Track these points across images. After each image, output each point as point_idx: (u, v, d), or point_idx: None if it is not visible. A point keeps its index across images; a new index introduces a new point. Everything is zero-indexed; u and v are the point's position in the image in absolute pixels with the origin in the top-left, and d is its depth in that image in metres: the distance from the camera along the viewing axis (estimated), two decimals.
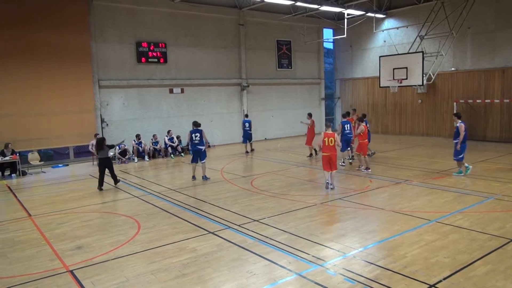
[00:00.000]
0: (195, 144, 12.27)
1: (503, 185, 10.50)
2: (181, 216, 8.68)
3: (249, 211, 8.90)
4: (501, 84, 18.79)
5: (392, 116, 23.68)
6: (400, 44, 22.28)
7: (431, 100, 21.62)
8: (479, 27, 19.22)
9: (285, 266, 5.90)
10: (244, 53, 22.20)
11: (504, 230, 7.09)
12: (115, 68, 18.06)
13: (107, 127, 17.95)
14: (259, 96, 23.15)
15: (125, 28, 18.15)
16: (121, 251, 6.77)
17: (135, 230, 7.84)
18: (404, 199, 9.58)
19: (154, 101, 19.30)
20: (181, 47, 19.91)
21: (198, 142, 12.23)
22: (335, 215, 8.54)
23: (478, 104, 19.47)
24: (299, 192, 10.52)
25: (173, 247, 6.85)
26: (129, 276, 5.79)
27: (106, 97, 17.93)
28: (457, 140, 11.53)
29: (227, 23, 21.50)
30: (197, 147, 12.31)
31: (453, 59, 20.36)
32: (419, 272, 5.56)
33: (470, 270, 5.58)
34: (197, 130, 12.29)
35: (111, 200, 10.49)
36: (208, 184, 12.01)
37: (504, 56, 18.59)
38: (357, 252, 6.38)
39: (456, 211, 8.33)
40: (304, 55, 25.06)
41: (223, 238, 7.18)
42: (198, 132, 12.23)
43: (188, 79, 20.23)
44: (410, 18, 22.01)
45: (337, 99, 27.20)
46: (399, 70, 18.93)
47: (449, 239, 6.77)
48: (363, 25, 23.29)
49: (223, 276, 5.69)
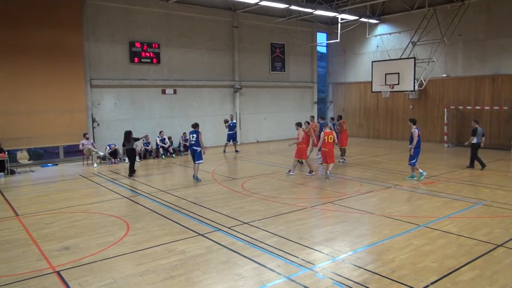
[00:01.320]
0: (191, 144, 12.72)
1: (491, 191, 10.61)
2: (171, 218, 8.64)
3: (240, 213, 8.89)
4: (491, 91, 19.02)
5: (383, 121, 23.84)
6: (392, 50, 22.46)
7: (422, 105, 21.81)
8: (470, 35, 19.46)
9: (274, 269, 5.90)
10: (238, 55, 22.21)
11: (491, 236, 7.16)
12: (108, 67, 17.96)
13: (98, 127, 17.82)
14: (252, 99, 23.17)
15: (118, 27, 18.06)
16: (109, 252, 6.71)
17: (124, 231, 7.77)
18: (393, 203, 9.63)
19: (146, 101, 19.21)
20: (174, 48, 19.87)
21: (194, 143, 12.60)
22: (325, 218, 8.56)
23: (468, 110, 19.69)
24: (289, 195, 10.53)
25: (162, 249, 6.81)
26: (117, 277, 5.74)
27: (97, 97, 17.81)
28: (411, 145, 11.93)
29: (221, 25, 21.50)
30: (193, 148, 12.63)
31: (445, 65, 20.58)
32: (407, 276, 5.59)
33: (457, 275, 5.62)
34: (194, 131, 12.69)
35: (100, 201, 10.40)
36: (198, 186, 11.97)
37: (494, 64, 18.83)
38: (346, 256, 6.40)
39: (444, 217, 8.40)
40: (297, 58, 25.15)
41: (213, 241, 7.15)
42: (195, 133, 12.61)
43: (181, 80, 20.18)
44: (403, 24, 22.21)
45: (329, 103, 27.31)
46: (391, 76, 19.08)
47: (437, 244, 6.82)
48: (357, 30, 23.45)
49: (212, 278, 5.67)
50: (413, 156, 11.93)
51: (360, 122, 25.10)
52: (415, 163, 12.00)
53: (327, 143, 12.42)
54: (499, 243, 6.78)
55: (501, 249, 6.56)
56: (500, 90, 18.71)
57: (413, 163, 12.02)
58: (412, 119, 12.56)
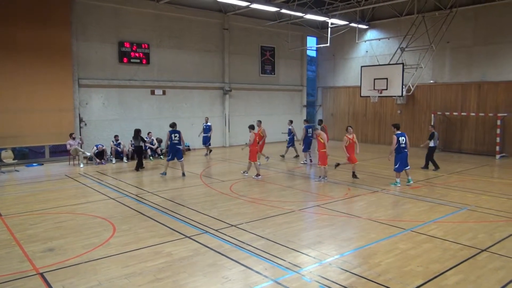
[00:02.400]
0: (175, 143, 13.37)
1: (476, 196, 10.76)
2: (158, 220, 8.57)
3: (227, 216, 8.86)
4: (477, 98, 19.33)
5: (372, 125, 24.05)
6: (381, 55, 22.69)
7: (410, 111, 22.06)
8: (457, 42, 19.77)
9: (261, 272, 5.89)
10: (228, 57, 22.20)
11: (476, 241, 7.26)
12: (96, 67, 17.79)
13: (85, 126, 17.63)
14: (242, 101, 23.17)
15: (107, 27, 17.92)
16: (95, 254, 6.63)
17: (110, 233, 7.69)
18: (380, 207, 9.71)
19: (135, 102, 19.08)
20: (164, 49, 19.78)
21: (177, 142, 13.40)
22: (313, 222, 8.58)
23: (454, 116, 19.97)
24: (277, 198, 10.54)
25: (149, 251, 6.75)
26: (102, 279, 5.67)
27: (85, 96, 17.63)
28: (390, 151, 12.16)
29: (211, 27, 21.49)
30: (177, 147, 13.39)
31: (432, 71, 20.86)
32: (393, 280, 5.63)
33: (442, 279, 5.68)
34: (175, 131, 13.49)
35: (86, 202, 10.27)
36: (186, 188, 11.92)
37: (481, 71, 19.14)
38: (333, 259, 6.42)
39: (430, 221, 8.49)
40: (287, 61, 25.25)
41: (200, 243, 7.12)
42: (177, 133, 13.44)
43: (170, 81, 20.09)
44: (392, 30, 22.46)
45: (318, 106, 27.45)
46: (380, 81, 19.24)
47: (423, 248, 6.89)
48: (346, 34, 23.64)
49: (199, 281, 5.64)
50: (395, 162, 11.98)
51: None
52: (398, 169, 11.95)
53: (323, 145, 12.76)
54: (483, 248, 6.88)
55: (485, 253, 6.66)
56: (485, 97, 19.03)
57: (396, 169, 11.99)
58: (394, 124, 12.44)
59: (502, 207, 9.60)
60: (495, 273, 5.87)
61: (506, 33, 18.19)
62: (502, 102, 18.47)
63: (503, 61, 18.39)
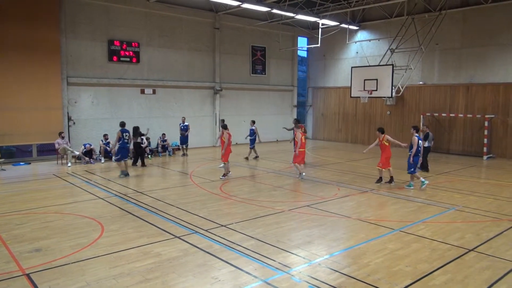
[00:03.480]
0: (125, 142, 13.50)
1: (464, 196, 10.89)
2: (147, 220, 8.51)
3: (217, 216, 8.84)
4: (465, 99, 19.56)
5: (362, 126, 24.19)
6: (371, 56, 22.83)
7: (399, 112, 22.24)
8: (446, 44, 19.98)
9: (250, 273, 5.88)
10: (219, 56, 22.15)
11: (463, 241, 7.34)
12: (85, 65, 17.61)
13: (74, 125, 17.44)
14: (232, 101, 23.14)
15: (97, 25, 17.74)
16: (82, 254, 6.56)
17: (98, 233, 7.61)
18: (370, 208, 9.77)
19: (124, 101, 18.93)
20: (154, 48, 19.66)
21: (127, 141, 13.62)
22: (303, 222, 8.60)
23: (443, 117, 20.18)
24: (268, 198, 10.54)
25: (137, 251, 6.69)
26: (90, 280, 5.60)
27: (74, 95, 17.44)
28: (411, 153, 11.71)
29: (202, 26, 21.41)
30: (127, 145, 13.70)
31: (421, 73, 21.05)
32: (381, 280, 5.66)
33: (430, 279, 5.73)
34: (126, 130, 13.62)
35: (74, 201, 10.15)
36: (176, 188, 11.85)
37: (469, 73, 19.38)
38: (322, 259, 6.44)
39: (419, 221, 8.56)
40: (278, 62, 25.27)
41: (189, 243, 7.08)
42: (127, 132, 13.60)
43: (160, 80, 19.98)
44: (382, 31, 22.63)
45: (309, 107, 27.53)
46: (370, 82, 19.38)
47: (411, 248, 6.94)
48: (337, 35, 23.75)
49: (188, 281, 5.61)
50: (411, 165, 11.67)
51: (338, 127, 25.40)
52: (414, 171, 11.77)
53: (304, 144, 13.18)
54: (470, 248, 6.96)
55: (472, 253, 6.73)
56: (473, 98, 19.27)
57: (412, 172, 11.77)
58: (414, 126, 12.22)
59: (489, 208, 9.72)
60: (482, 273, 5.94)
61: (493, 36, 18.44)
62: (489, 103, 18.72)
63: (490, 64, 18.64)
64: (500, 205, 10.01)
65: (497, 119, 18.47)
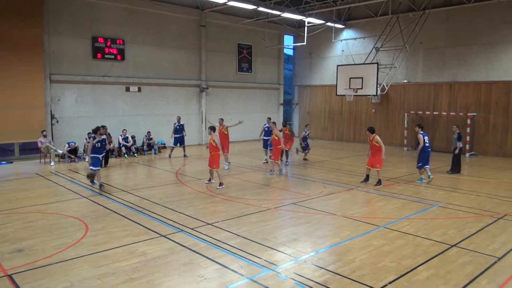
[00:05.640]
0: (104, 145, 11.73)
1: (447, 193, 11.07)
2: (132, 219, 8.44)
3: (203, 214, 8.81)
4: (448, 97, 19.87)
5: (347, 124, 24.38)
6: (357, 55, 23.01)
7: (384, 110, 22.48)
8: (430, 43, 20.25)
9: (236, 271, 5.88)
10: (205, 54, 22.06)
11: (446, 236, 7.46)
12: (69, 62, 17.34)
13: (57, 123, 17.17)
14: (218, 99, 23.08)
15: (81, 21, 17.48)
16: (66, 254, 6.47)
17: (83, 232, 7.52)
18: (355, 205, 9.86)
19: (109, 99, 18.70)
20: (140, 45, 19.46)
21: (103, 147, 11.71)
22: (289, 219, 8.63)
23: (427, 115, 20.47)
24: (254, 196, 10.55)
25: (122, 251, 6.63)
26: (74, 280, 5.53)
27: (57, 93, 17.16)
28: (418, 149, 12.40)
29: (188, 24, 21.28)
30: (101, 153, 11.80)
31: (406, 71, 21.31)
32: (366, 276, 5.73)
33: (414, 275, 5.82)
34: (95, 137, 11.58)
35: (58, 201, 10.01)
36: (162, 186, 11.77)
37: (452, 71, 19.69)
38: (308, 256, 6.48)
39: (403, 218, 8.68)
40: (264, 60, 25.28)
41: (175, 242, 7.05)
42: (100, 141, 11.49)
43: (146, 78, 19.80)
44: (367, 30, 22.82)
45: (295, 105, 27.63)
46: (355, 80, 19.53)
47: (396, 244, 7.03)
48: (323, 34, 23.86)
49: (174, 280, 5.58)
50: (418, 160, 12.43)
51: (324, 125, 25.55)
52: (420, 166, 12.41)
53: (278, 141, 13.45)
54: (453, 243, 7.08)
55: (454, 249, 6.86)
56: (456, 97, 19.59)
57: (419, 167, 12.45)
58: (419, 124, 13.12)
59: (471, 204, 9.91)
60: (464, 268, 6.05)
61: (475, 36, 18.76)
62: (472, 102, 19.06)
63: (473, 63, 18.96)
64: (482, 201, 10.21)
65: (479, 117, 18.82)
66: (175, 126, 17.54)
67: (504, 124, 18.18)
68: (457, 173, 13.92)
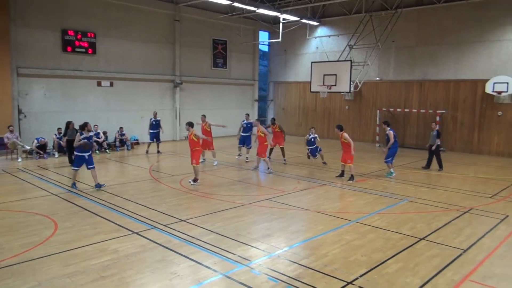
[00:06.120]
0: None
1: (416, 188, 11.38)
2: (104, 216, 8.27)
3: (176, 210, 8.74)
4: (418, 95, 20.39)
5: (321, 120, 24.64)
6: (331, 52, 23.26)
7: (357, 107, 22.85)
8: (402, 41, 20.70)
9: (210, 267, 5.87)
10: (179, 49, 21.79)
11: (415, 230, 7.68)
12: (37, 55, 16.77)
13: (25, 118, 16.62)
14: (193, 94, 22.86)
15: (50, 13, 16.92)
16: (34, 253, 6.28)
17: (51, 231, 7.32)
18: (328, 200, 10.00)
19: (80, 93, 18.22)
20: (112, 39, 19.03)
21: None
22: (262, 215, 8.67)
23: (398, 113, 20.95)
24: (228, 192, 10.54)
25: (93, 248, 6.50)
26: (42, 280, 5.39)
27: (25, 87, 16.58)
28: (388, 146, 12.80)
29: (162, 18, 20.96)
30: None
31: (378, 69, 21.71)
32: (338, 270, 5.83)
33: (384, 268, 5.96)
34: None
35: (25, 198, 9.70)
36: (134, 183, 11.59)
37: (422, 70, 20.20)
38: (282, 251, 6.53)
39: (374, 212, 8.87)
40: (239, 55, 25.21)
41: (148, 239, 6.96)
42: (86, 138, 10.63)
43: (118, 73, 19.39)
44: (341, 27, 23.09)
45: (270, 101, 27.70)
46: (329, 77, 19.73)
47: (367, 238, 7.18)
48: (298, 30, 23.98)
49: (146, 278, 5.52)
50: (389, 155, 12.80)
51: (299, 121, 25.74)
52: (391, 161, 12.84)
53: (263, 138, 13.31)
54: (421, 237, 7.29)
55: (423, 242, 7.06)
56: (426, 94, 20.12)
57: (390, 161, 12.84)
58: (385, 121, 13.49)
59: (439, 198, 10.22)
60: (432, 260, 6.25)
61: (445, 35, 19.30)
62: (441, 99, 19.62)
63: (442, 61, 19.51)
64: (449, 195, 10.55)
65: (447, 115, 19.40)
66: (151, 122, 17.23)
67: (471, 121, 18.82)
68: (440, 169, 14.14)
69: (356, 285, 5.38)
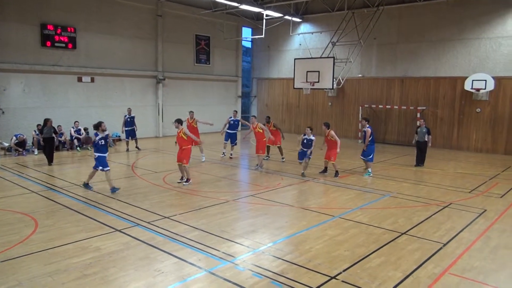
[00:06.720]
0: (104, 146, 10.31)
1: (397, 183, 11.57)
2: (86, 213, 8.16)
3: (160, 207, 8.68)
4: (399, 92, 20.69)
5: (304, 116, 24.78)
6: (314, 48, 23.37)
7: (340, 103, 23.04)
8: (383, 38, 20.94)
9: (194, 263, 5.86)
10: (161, 45, 21.56)
11: (396, 225, 7.82)
12: (15, 50, 16.36)
13: (3, 115, 16.21)
14: (176, 90, 22.68)
15: (28, 6, 16.51)
16: (14, 252, 6.16)
17: (31, 229, 7.18)
18: (311, 196, 10.09)
19: (60, 89, 17.86)
20: (93, 33, 18.69)
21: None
22: (247, 211, 8.69)
23: (380, 109, 21.22)
24: (212, 189, 10.52)
25: (75, 247, 6.41)
26: (22, 279, 5.29)
27: (3, 82, 16.17)
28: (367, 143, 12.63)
29: (144, 13, 20.69)
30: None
31: (360, 66, 21.92)
32: (322, 265, 5.89)
33: (367, 262, 6.05)
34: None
35: (4, 196, 9.48)
36: (117, 180, 11.41)
37: (403, 67, 20.49)
38: (266, 247, 6.56)
39: (357, 208, 8.99)
40: (222, 51, 25.09)
41: (131, 236, 6.90)
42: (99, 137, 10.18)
43: (99, 68, 19.08)
44: (324, 24, 23.21)
45: (253, 97, 27.69)
46: (312, 73, 19.83)
47: (350, 233, 7.28)
48: (281, 27, 24.00)
49: (129, 275, 5.47)
50: (369, 153, 12.62)
51: (282, 117, 25.81)
52: (372, 159, 12.72)
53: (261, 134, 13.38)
54: (402, 231, 7.43)
55: (404, 236, 7.20)
56: (407, 91, 20.44)
57: (371, 159, 12.70)
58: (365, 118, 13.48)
59: (420, 193, 10.42)
60: (413, 254, 6.37)
61: (425, 33, 19.61)
62: (421, 96, 19.96)
63: (422, 59, 19.83)
64: (430, 191, 10.77)
65: (428, 111, 19.74)
66: (126, 119, 16.79)
67: (450, 118, 19.21)
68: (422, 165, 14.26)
69: (340, 280, 5.45)
